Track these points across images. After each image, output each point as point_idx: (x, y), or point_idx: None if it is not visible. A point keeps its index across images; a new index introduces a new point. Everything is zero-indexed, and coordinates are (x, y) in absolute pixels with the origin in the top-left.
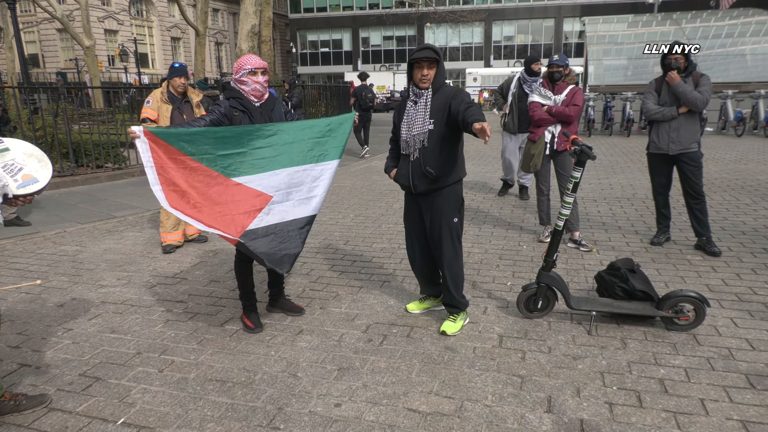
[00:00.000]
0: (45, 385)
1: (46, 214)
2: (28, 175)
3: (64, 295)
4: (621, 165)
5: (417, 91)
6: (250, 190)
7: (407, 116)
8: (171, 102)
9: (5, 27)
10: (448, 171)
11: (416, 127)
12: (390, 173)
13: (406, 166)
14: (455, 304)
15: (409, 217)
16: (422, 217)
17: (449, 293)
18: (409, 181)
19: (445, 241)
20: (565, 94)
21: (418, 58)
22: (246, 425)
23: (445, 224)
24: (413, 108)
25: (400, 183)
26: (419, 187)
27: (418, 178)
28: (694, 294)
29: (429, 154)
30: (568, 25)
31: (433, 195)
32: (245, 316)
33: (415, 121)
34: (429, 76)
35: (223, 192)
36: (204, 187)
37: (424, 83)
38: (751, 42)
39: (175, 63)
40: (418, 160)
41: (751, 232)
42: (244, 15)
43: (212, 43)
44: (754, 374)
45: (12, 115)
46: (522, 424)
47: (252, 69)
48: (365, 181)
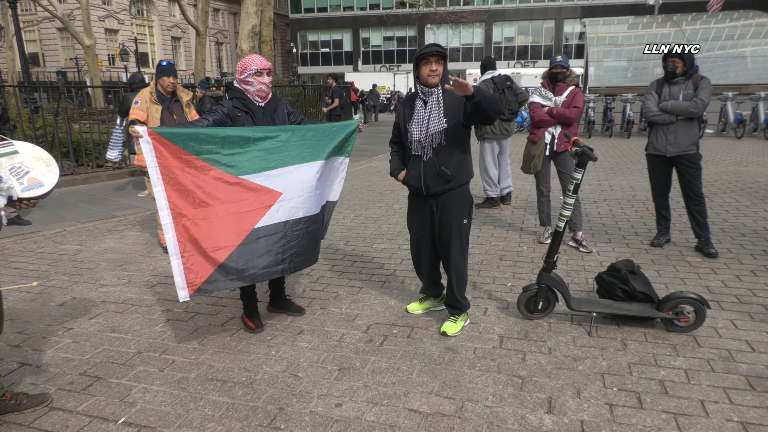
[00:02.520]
0: (46, 384)
1: (47, 214)
2: (34, 179)
3: (65, 295)
4: (621, 166)
5: (426, 90)
6: (258, 187)
7: (417, 116)
8: (160, 102)
9: (6, 26)
10: (462, 170)
11: (432, 126)
12: (398, 176)
13: (417, 167)
14: (457, 305)
15: (415, 219)
16: (430, 218)
17: (452, 294)
18: (420, 183)
19: (454, 243)
20: (566, 96)
21: (426, 53)
22: (247, 425)
23: (455, 225)
24: (423, 108)
25: (411, 185)
26: (432, 188)
27: (432, 178)
28: (695, 296)
29: (444, 154)
30: (569, 27)
31: (445, 196)
32: (246, 316)
33: (430, 121)
34: (438, 71)
35: (230, 190)
36: (210, 186)
37: (433, 78)
38: (751, 44)
39: (162, 61)
40: (432, 160)
41: (750, 234)
42: (245, 15)
43: (213, 43)
44: (754, 376)
45: (12, 114)
46: (522, 424)
47: (258, 70)
48: (365, 182)
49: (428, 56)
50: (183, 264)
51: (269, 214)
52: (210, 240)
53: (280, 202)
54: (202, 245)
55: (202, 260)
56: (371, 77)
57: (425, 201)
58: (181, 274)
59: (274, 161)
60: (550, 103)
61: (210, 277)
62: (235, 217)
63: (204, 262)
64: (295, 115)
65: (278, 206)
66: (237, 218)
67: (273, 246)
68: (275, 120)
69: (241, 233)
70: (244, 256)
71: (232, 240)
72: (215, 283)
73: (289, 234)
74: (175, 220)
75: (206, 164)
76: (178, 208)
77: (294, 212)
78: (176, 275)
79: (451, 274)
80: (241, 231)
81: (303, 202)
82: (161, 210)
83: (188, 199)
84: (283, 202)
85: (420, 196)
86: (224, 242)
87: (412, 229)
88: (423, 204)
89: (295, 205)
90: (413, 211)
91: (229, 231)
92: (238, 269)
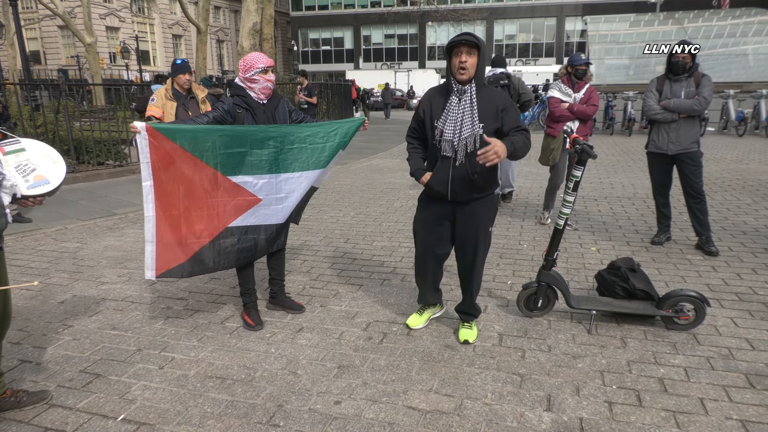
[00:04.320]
0: (46, 381)
1: (47, 211)
2: (41, 176)
3: (65, 292)
4: (622, 164)
5: (458, 87)
6: (242, 190)
7: (450, 113)
8: (176, 99)
9: (7, 24)
10: (492, 178)
11: (466, 128)
12: (421, 178)
13: (446, 171)
14: (473, 312)
15: (428, 222)
16: (448, 224)
17: (471, 302)
18: (447, 188)
19: (480, 251)
20: (583, 93)
21: (456, 42)
22: (246, 422)
23: (482, 234)
24: (458, 105)
25: (435, 189)
26: (460, 195)
27: (460, 184)
28: (695, 293)
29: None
30: (570, 24)
31: (473, 203)
32: (245, 313)
33: (464, 122)
34: (468, 63)
35: (216, 188)
36: (197, 183)
37: (462, 74)
38: (753, 42)
39: (177, 60)
40: (464, 165)
41: (751, 231)
42: (246, 13)
43: (214, 41)
44: (753, 374)
45: (13, 112)
46: (521, 422)
47: (264, 67)
48: (366, 180)
49: (458, 45)
50: (156, 251)
51: (244, 216)
52: (185, 233)
53: (257, 207)
54: (177, 237)
55: (175, 250)
56: (372, 75)
57: (445, 206)
58: (152, 258)
59: (265, 165)
60: (569, 99)
61: (178, 266)
62: (214, 214)
63: (176, 253)
64: (297, 113)
65: (254, 211)
66: (215, 215)
67: (237, 245)
68: (276, 118)
69: (215, 230)
70: (212, 251)
71: (205, 236)
72: (180, 269)
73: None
74: (157, 213)
75: (199, 161)
76: (163, 203)
77: (266, 219)
78: (147, 254)
79: (472, 283)
80: (216, 228)
81: (277, 212)
82: (146, 203)
83: (174, 195)
84: (260, 207)
85: (440, 201)
86: (198, 236)
87: (420, 231)
88: (441, 209)
89: (270, 213)
90: (427, 213)
91: (204, 226)
92: (204, 262)
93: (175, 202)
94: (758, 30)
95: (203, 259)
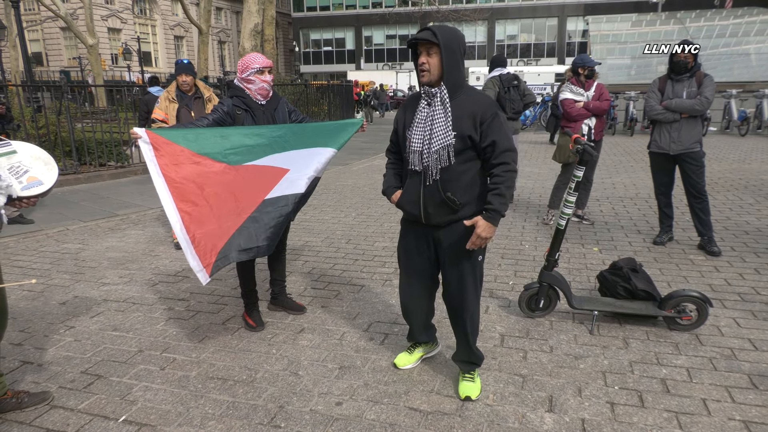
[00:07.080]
0: (47, 382)
1: (49, 212)
2: (33, 178)
3: (67, 293)
4: (624, 164)
5: (426, 89)
6: (264, 168)
7: (418, 120)
8: (178, 100)
9: (9, 25)
10: (474, 197)
11: (437, 138)
12: (392, 197)
13: (416, 189)
14: (473, 359)
15: (409, 249)
16: (428, 252)
17: (467, 347)
18: (419, 209)
19: (468, 286)
20: (594, 90)
21: (411, 41)
22: (247, 423)
23: (468, 265)
24: (426, 110)
25: (406, 210)
26: (434, 218)
27: (434, 206)
28: (697, 294)
29: (451, 176)
30: (572, 24)
31: (452, 227)
32: (247, 314)
33: (433, 130)
34: (427, 65)
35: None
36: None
37: (423, 75)
38: (755, 41)
39: (179, 60)
40: (436, 183)
41: (754, 231)
42: (247, 14)
43: (215, 42)
44: (756, 374)
45: (15, 114)
46: (523, 423)
47: (260, 68)
48: (367, 180)
49: (415, 45)
50: (194, 247)
51: (278, 187)
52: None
53: (288, 175)
54: (208, 225)
55: (211, 239)
56: (374, 76)
57: (422, 230)
58: (194, 257)
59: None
60: (582, 98)
61: (221, 252)
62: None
63: (213, 240)
64: (297, 114)
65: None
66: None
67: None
68: (276, 118)
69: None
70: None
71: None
72: (226, 258)
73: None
74: (178, 206)
75: (206, 159)
76: (183, 202)
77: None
78: (190, 260)
79: (465, 324)
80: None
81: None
82: (167, 210)
83: (191, 192)
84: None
85: (416, 224)
86: (229, 220)
87: (403, 262)
88: (421, 234)
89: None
90: (406, 239)
91: (231, 208)
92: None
93: (195, 197)
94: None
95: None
